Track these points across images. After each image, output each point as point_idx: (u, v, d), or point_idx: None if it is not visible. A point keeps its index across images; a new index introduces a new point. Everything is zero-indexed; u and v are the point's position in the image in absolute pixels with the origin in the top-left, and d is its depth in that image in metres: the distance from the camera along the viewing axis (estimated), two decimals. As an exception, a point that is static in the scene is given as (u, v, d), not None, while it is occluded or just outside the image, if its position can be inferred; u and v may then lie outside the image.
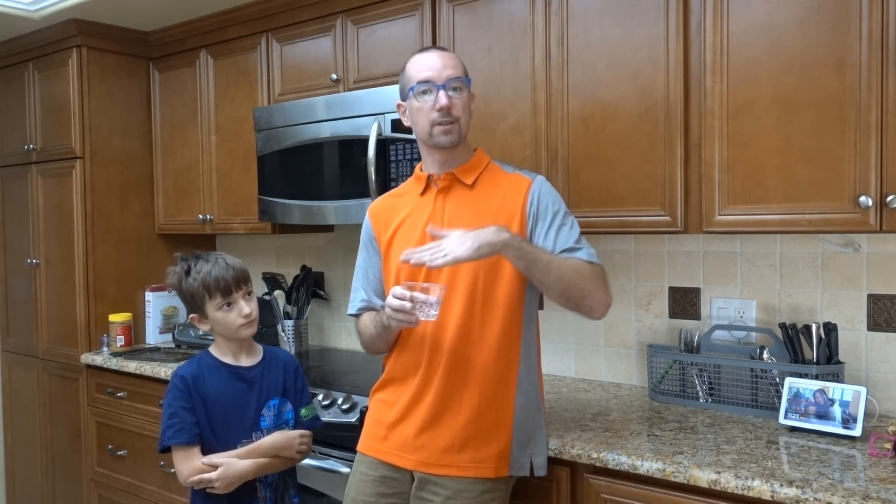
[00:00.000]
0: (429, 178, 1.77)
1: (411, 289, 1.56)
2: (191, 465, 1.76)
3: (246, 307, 1.81)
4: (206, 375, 1.82)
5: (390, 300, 1.57)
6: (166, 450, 1.78)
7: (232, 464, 1.77)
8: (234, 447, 1.80)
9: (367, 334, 1.80)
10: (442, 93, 1.66)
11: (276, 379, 1.89)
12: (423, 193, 1.78)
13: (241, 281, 1.81)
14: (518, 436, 1.69)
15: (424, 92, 1.68)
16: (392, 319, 1.59)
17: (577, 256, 1.65)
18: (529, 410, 1.71)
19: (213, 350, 1.88)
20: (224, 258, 1.82)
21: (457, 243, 1.52)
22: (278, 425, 1.86)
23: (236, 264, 1.83)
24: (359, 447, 1.81)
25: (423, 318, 1.56)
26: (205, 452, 1.77)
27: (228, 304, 1.80)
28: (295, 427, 1.89)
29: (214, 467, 1.75)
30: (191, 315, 1.85)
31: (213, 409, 1.80)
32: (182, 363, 1.88)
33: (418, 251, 1.55)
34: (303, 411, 1.91)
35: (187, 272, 1.80)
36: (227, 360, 1.86)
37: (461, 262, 1.53)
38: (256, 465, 1.80)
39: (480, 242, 1.52)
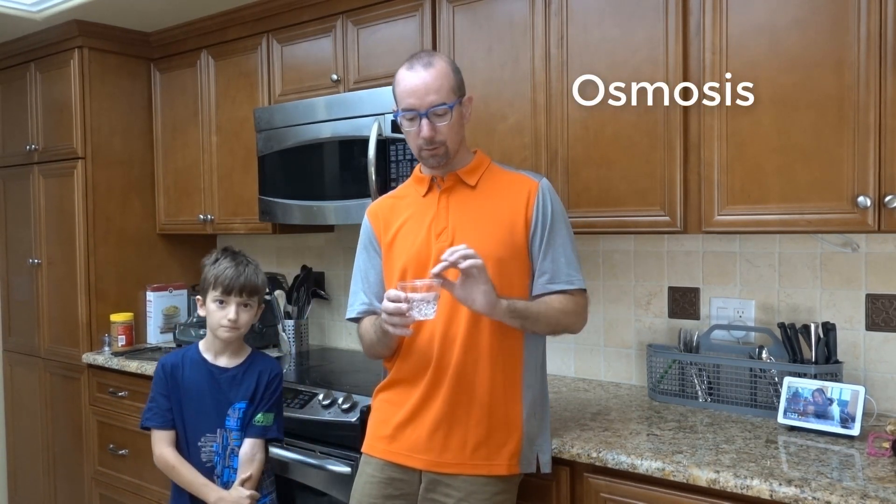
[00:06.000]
0: (432, 179, 1.77)
1: (404, 289, 1.52)
2: (161, 449, 1.95)
3: (233, 313, 1.94)
4: (185, 366, 2.00)
5: (385, 304, 1.54)
6: (146, 429, 1.99)
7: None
8: (199, 439, 1.96)
9: (367, 339, 1.78)
10: (425, 122, 1.66)
11: (247, 385, 2.00)
12: (425, 195, 1.78)
13: (242, 290, 1.96)
14: (528, 432, 1.70)
15: (410, 119, 1.69)
16: (387, 324, 1.56)
17: (566, 290, 1.70)
18: (536, 406, 1.72)
19: (201, 343, 2.05)
20: (248, 266, 2.00)
21: (476, 280, 1.53)
22: (241, 428, 1.98)
23: (250, 276, 1.98)
24: (364, 448, 1.79)
25: (420, 318, 1.51)
26: (177, 438, 1.97)
27: (221, 303, 1.96)
28: (245, 429, 1.97)
29: None
30: (197, 296, 2.04)
31: (186, 399, 1.98)
32: (171, 351, 2.07)
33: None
34: (258, 416, 1.98)
35: (214, 261, 2.00)
36: (208, 356, 2.02)
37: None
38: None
39: (480, 298, 1.54)
